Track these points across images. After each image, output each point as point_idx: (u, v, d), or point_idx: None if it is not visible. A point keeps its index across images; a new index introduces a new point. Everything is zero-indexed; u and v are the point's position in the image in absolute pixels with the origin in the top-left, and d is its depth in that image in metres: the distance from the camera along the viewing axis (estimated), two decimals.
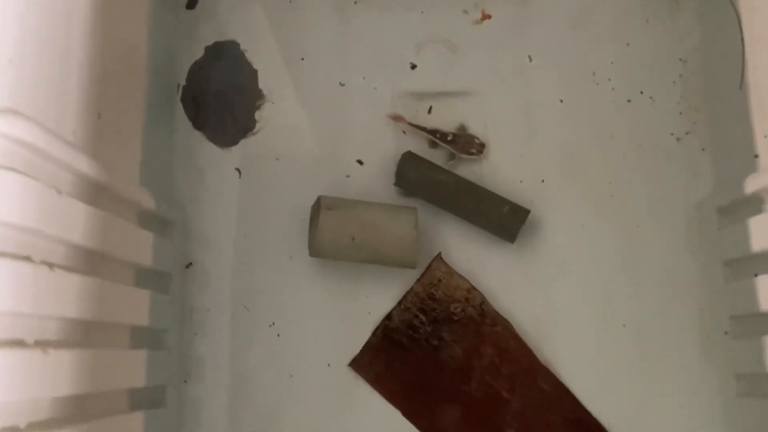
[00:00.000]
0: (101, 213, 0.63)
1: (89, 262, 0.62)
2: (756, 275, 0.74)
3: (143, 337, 0.74)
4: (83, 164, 0.60)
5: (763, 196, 0.74)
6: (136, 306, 0.72)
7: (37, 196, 0.52)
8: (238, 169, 0.88)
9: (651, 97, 0.89)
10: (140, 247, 0.73)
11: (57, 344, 0.55)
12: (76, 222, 0.58)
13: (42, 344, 0.53)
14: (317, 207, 0.82)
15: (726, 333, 0.79)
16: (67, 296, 0.57)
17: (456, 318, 0.85)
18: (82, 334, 0.60)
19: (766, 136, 0.76)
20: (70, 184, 0.59)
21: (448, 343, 0.85)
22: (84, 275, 0.60)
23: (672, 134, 0.88)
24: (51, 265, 0.54)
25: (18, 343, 0.50)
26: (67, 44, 0.61)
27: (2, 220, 0.49)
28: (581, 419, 0.82)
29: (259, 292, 0.86)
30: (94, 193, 0.63)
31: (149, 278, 0.77)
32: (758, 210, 0.75)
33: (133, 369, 0.71)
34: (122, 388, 0.69)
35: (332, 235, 0.81)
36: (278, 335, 0.85)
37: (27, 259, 0.52)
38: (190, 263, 0.86)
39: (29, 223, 0.51)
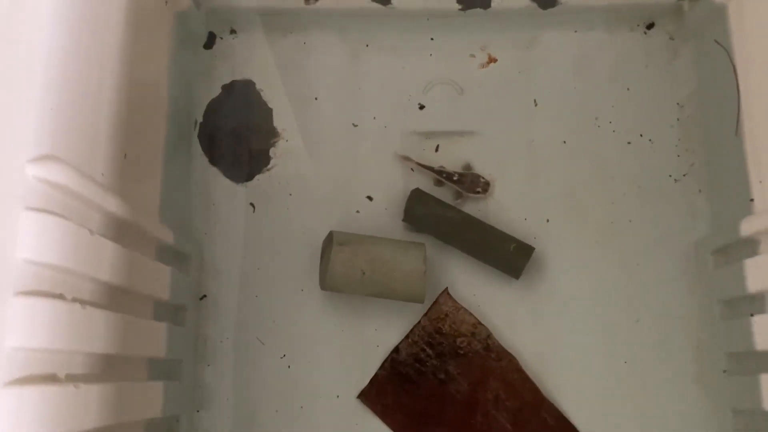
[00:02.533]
0: (126, 250, 0.65)
1: (113, 297, 0.64)
2: (752, 315, 0.77)
3: (160, 369, 0.77)
4: (111, 204, 0.63)
5: (759, 238, 0.78)
6: (155, 338, 0.75)
7: (71, 236, 0.55)
8: (252, 204, 0.91)
9: (650, 140, 0.92)
10: (159, 281, 0.76)
11: (85, 378, 0.57)
12: (104, 260, 0.61)
13: (72, 378, 0.55)
14: (329, 242, 0.85)
15: (724, 371, 0.82)
16: (95, 332, 0.59)
17: (462, 352, 0.87)
18: (106, 368, 0.62)
19: (761, 182, 0.79)
20: (99, 223, 0.62)
21: (454, 376, 0.87)
22: (109, 311, 0.62)
23: (670, 176, 0.91)
24: (83, 303, 0.56)
25: (51, 378, 0.53)
26: (99, 89, 0.64)
27: (41, 261, 0.51)
28: None
29: (270, 324, 0.88)
30: (119, 231, 0.66)
31: (166, 311, 0.79)
32: (754, 252, 0.78)
33: (150, 400, 0.73)
34: (141, 419, 0.71)
35: (343, 269, 0.83)
36: (289, 367, 0.87)
37: (60, 297, 0.54)
38: (204, 295, 0.89)
39: (64, 262, 0.54)
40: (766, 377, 0.75)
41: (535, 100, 0.93)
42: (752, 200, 0.80)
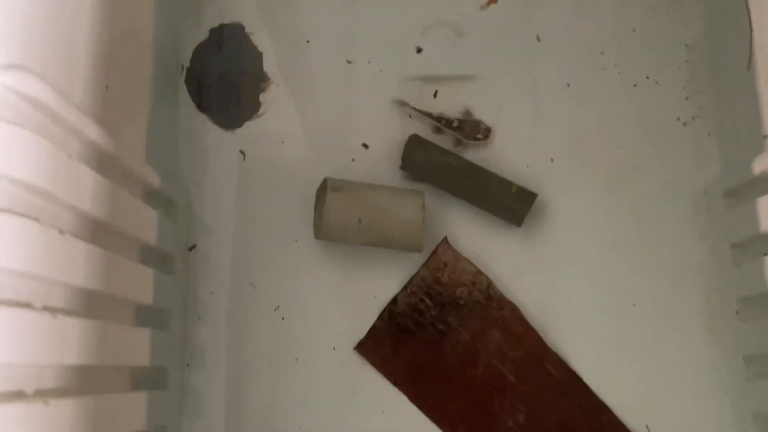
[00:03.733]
0: (108, 183, 0.61)
1: (96, 232, 0.60)
2: (765, 255, 0.74)
3: (147, 316, 0.73)
4: (92, 131, 0.59)
5: None
6: (141, 283, 0.71)
7: (48, 156, 0.51)
8: (242, 152, 0.88)
9: (657, 82, 0.89)
10: (145, 223, 0.72)
11: (65, 311, 0.54)
12: (85, 188, 0.57)
13: (50, 309, 0.51)
14: (323, 189, 0.82)
15: (737, 313, 0.79)
16: (75, 264, 0.55)
17: (462, 302, 0.84)
18: (89, 306, 0.59)
19: None
20: (78, 151, 0.58)
21: (455, 327, 0.84)
22: (91, 244, 0.58)
23: (678, 119, 0.88)
24: (61, 231, 0.53)
25: (25, 305, 0.49)
26: (77, 11, 0.60)
27: (13, 177, 0.47)
28: (589, 403, 0.81)
29: (263, 276, 0.85)
30: (101, 163, 0.62)
31: (153, 257, 0.75)
32: (767, 190, 0.75)
33: (136, 347, 0.69)
34: (126, 364, 0.67)
35: (338, 216, 0.80)
36: (283, 318, 0.84)
37: (36, 220, 0.50)
38: (194, 246, 0.85)
39: (39, 182, 0.50)
40: None
41: (538, 37, 0.89)
42: (766, 136, 0.76)
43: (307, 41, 0.90)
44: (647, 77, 0.89)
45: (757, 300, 0.77)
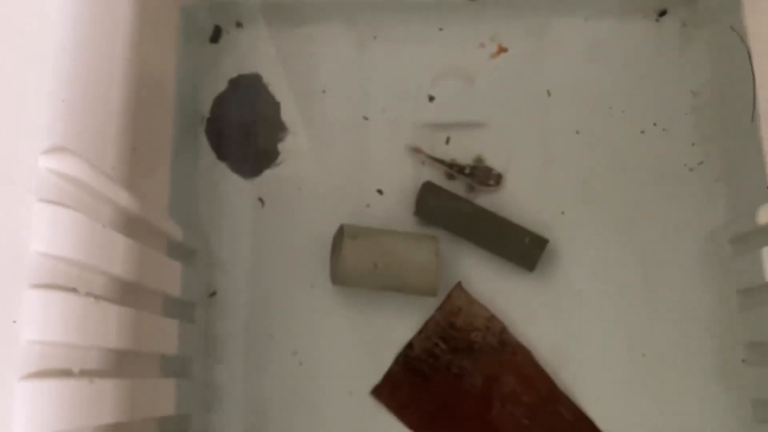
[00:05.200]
0: (137, 244, 0.64)
1: (125, 293, 0.63)
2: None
3: (171, 366, 0.75)
4: (123, 198, 0.62)
5: None
6: (166, 335, 0.73)
7: (84, 229, 0.54)
8: (260, 199, 0.90)
9: (664, 129, 0.91)
10: (170, 277, 0.75)
11: (99, 374, 0.56)
12: (116, 254, 0.60)
13: (87, 373, 0.54)
14: (340, 235, 0.84)
15: (743, 361, 0.81)
16: (108, 326, 0.58)
17: (476, 346, 0.86)
18: (119, 365, 0.61)
19: None
20: (110, 217, 0.61)
21: (469, 371, 0.86)
22: (122, 306, 0.61)
23: (685, 165, 0.90)
24: (96, 297, 0.55)
25: (66, 373, 0.51)
26: (108, 82, 0.63)
27: (55, 254, 0.50)
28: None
29: (281, 321, 0.87)
30: (130, 225, 0.65)
31: (176, 307, 0.78)
32: None
33: (163, 398, 0.71)
34: (154, 416, 0.69)
35: (355, 263, 0.82)
36: (300, 363, 0.86)
37: (74, 290, 0.53)
38: (214, 292, 0.87)
39: (77, 255, 0.53)
40: None
41: (548, 91, 0.92)
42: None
43: (323, 91, 0.93)
44: (654, 124, 0.91)
45: (764, 347, 0.79)
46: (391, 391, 0.85)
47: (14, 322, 0.46)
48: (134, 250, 0.63)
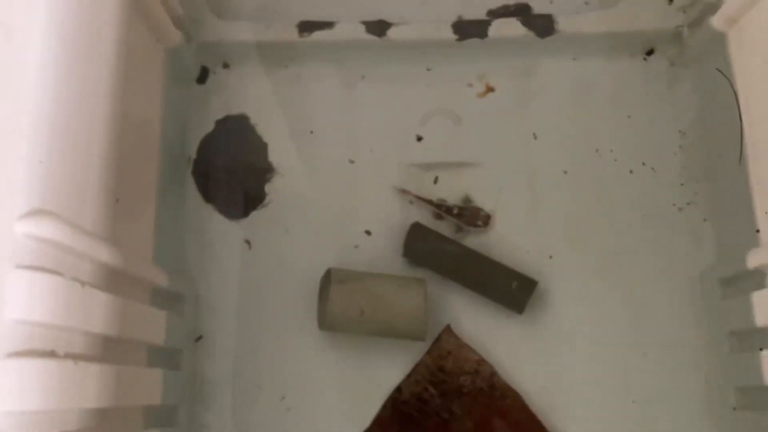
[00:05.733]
0: (119, 299, 0.63)
1: (106, 348, 0.62)
2: (761, 349, 0.75)
3: (156, 416, 0.74)
4: (103, 254, 0.61)
5: (766, 271, 0.76)
6: (150, 386, 0.72)
7: (62, 292, 0.53)
8: (247, 241, 0.90)
9: (652, 168, 0.91)
10: (154, 327, 0.74)
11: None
12: (96, 312, 0.59)
13: None
14: (327, 280, 0.83)
15: (734, 409, 0.80)
16: (88, 387, 0.57)
17: (466, 390, 0.85)
18: (101, 420, 0.60)
19: (767, 212, 0.78)
20: (90, 274, 0.60)
21: (459, 416, 0.85)
22: (102, 363, 0.60)
23: (674, 205, 0.90)
24: (75, 358, 0.54)
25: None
26: (90, 135, 0.62)
27: (31, 320, 0.49)
28: None
29: (269, 366, 0.86)
30: (112, 279, 0.64)
31: (160, 356, 0.77)
32: (761, 284, 0.76)
33: None
34: None
35: (342, 308, 0.82)
36: (288, 409, 0.85)
37: (52, 354, 0.52)
38: (200, 336, 0.87)
39: (55, 319, 0.52)
40: None
41: (534, 134, 0.92)
42: (758, 231, 0.78)
43: (311, 131, 0.93)
44: (643, 163, 0.91)
45: (754, 391, 0.78)
46: None
47: None
48: (116, 305, 0.63)
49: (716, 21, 0.86)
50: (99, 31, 0.65)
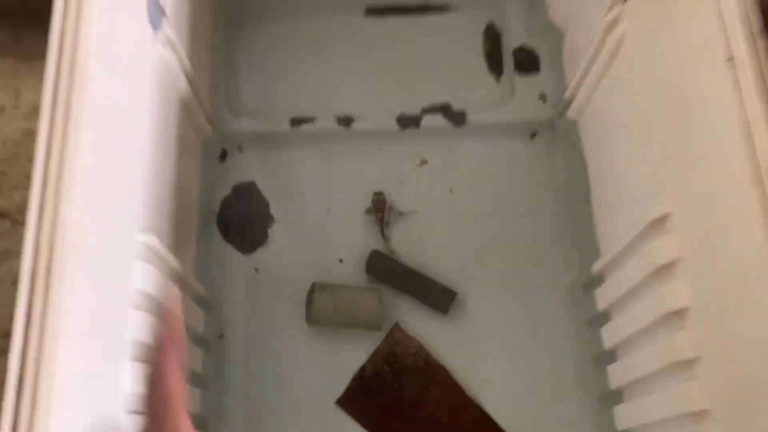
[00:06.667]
0: (179, 293, 1.01)
1: None
2: (601, 326, 1.14)
3: (195, 383, 1.10)
4: (174, 263, 0.98)
5: (602, 274, 1.15)
6: (194, 358, 1.08)
7: (158, 279, 0.90)
8: (256, 268, 1.27)
9: (536, 213, 1.29)
10: (197, 318, 1.10)
11: None
12: (171, 293, 0.96)
13: None
14: (312, 289, 1.20)
15: (592, 360, 1.17)
16: None
17: (410, 367, 1.21)
18: None
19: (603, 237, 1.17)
20: (167, 272, 0.98)
21: (406, 386, 1.20)
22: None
23: (552, 238, 1.27)
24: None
25: None
26: (166, 192, 1.01)
27: (144, 290, 0.86)
28: (486, 422, 1.17)
29: (269, 352, 1.19)
30: (176, 280, 1.01)
31: (199, 341, 1.13)
32: (600, 284, 1.15)
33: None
34: None
35: (322, 308, 1.18)
36: (282, 383, 1.19)
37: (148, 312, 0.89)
38: (222, 335, 1.22)
39: (154, 293, 0.89)
40: (611, 368, 1.11)
41: (451, 188, 1.32)
42: (599, 249, 1.18)
43: (298, 193, 1.31)
44: (529, 209, 1.28)
45: (605, 354, 1.16)
46: (350, 401, 1.19)
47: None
48: (179, 295, 1.00)
49: (571, 113, 1.26)
50: (169, 132, 1.04)
